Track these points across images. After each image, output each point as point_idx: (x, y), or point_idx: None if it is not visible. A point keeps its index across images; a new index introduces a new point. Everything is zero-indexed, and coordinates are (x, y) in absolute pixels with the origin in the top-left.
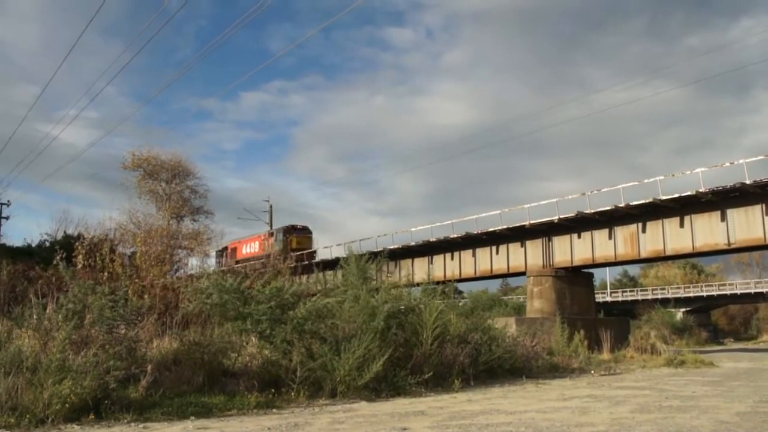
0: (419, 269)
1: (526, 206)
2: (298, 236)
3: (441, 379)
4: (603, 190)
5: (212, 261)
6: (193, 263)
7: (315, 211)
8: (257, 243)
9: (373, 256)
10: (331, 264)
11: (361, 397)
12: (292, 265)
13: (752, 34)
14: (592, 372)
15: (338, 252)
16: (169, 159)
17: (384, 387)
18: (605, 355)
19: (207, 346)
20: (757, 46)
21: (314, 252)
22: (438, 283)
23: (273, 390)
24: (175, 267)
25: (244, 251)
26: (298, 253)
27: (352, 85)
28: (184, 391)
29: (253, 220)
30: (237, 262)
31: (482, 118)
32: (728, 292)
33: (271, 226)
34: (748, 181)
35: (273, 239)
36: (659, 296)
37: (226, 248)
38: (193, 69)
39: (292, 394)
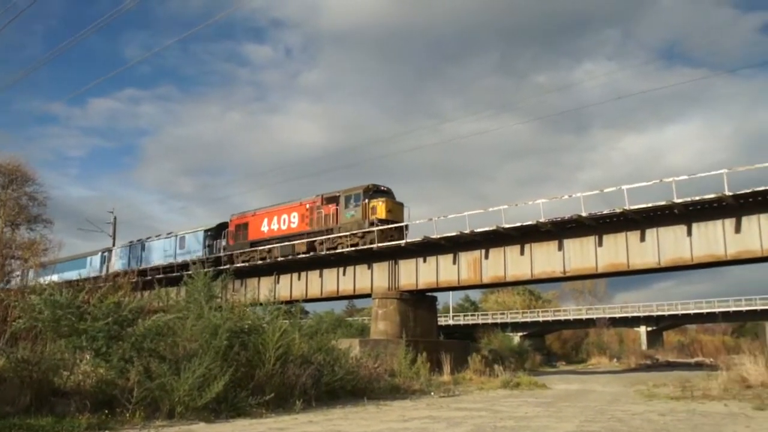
0: (265, 288)
1: (374, 229)
2: (387, 202)
3: (283, 400)
4: (449, 216)
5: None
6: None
7: (162, 225)
8: (296, 215)
9: (219, 273)
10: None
11: (200, 418)
12: (378, 246)
13: (593, 78)
14: (432, 394)
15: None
16: (6, 162)
17: (224, 408)
18: (445, 377)
19: (36, 364)
20: (596, 88)
21: (406, 227)
22: (285, 302)
23: (107, 411)
24: (6, 278)
25: (265, 228)
26: (385, 227)
27: (207, 99)
28: (7, 413)
29: (95, 231)
30: (252, 245)
31: (336, 140)
32: (562, 318)
33: (114, 240)
34: (584, 214)
35: (336, 206)
36: (499, 320)
37: (224, 225)
38: (40, 70)
39: (128, 415)
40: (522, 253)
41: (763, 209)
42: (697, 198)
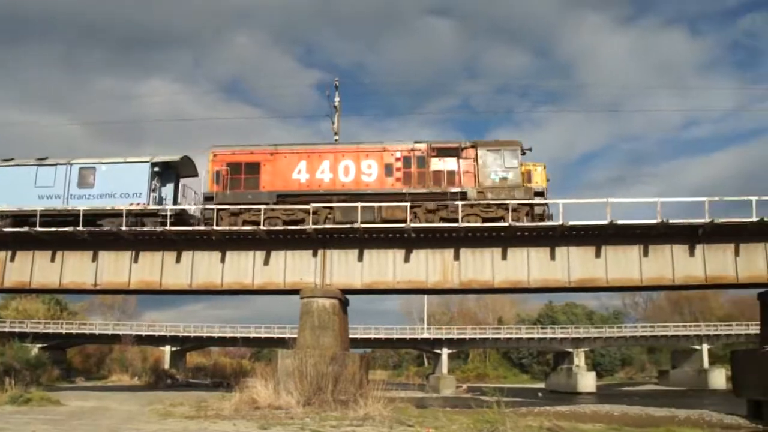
0: None
1: (543, 203)
2: (545, 168)
3: None
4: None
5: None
6: None
7: None
8: (374, 164)
9: None
10: None
11: None
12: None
13: (157, 94)
14: None
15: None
16: None
17: None
18: None
19: None
20: (159, 105)
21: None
22: None
23: None
24: None
25: (303, 176)
26: (542, 203)
27: None
28: None
29: None
30: (281, 199)
31: None
32: (87, 332)
33: None
34: (124, 228)
35: (458, 160)
36: (17, 330)
37: (188, 162)
38: None
39: None
40: (53, 259)
41: (290, 247)
42: (235, 228)
